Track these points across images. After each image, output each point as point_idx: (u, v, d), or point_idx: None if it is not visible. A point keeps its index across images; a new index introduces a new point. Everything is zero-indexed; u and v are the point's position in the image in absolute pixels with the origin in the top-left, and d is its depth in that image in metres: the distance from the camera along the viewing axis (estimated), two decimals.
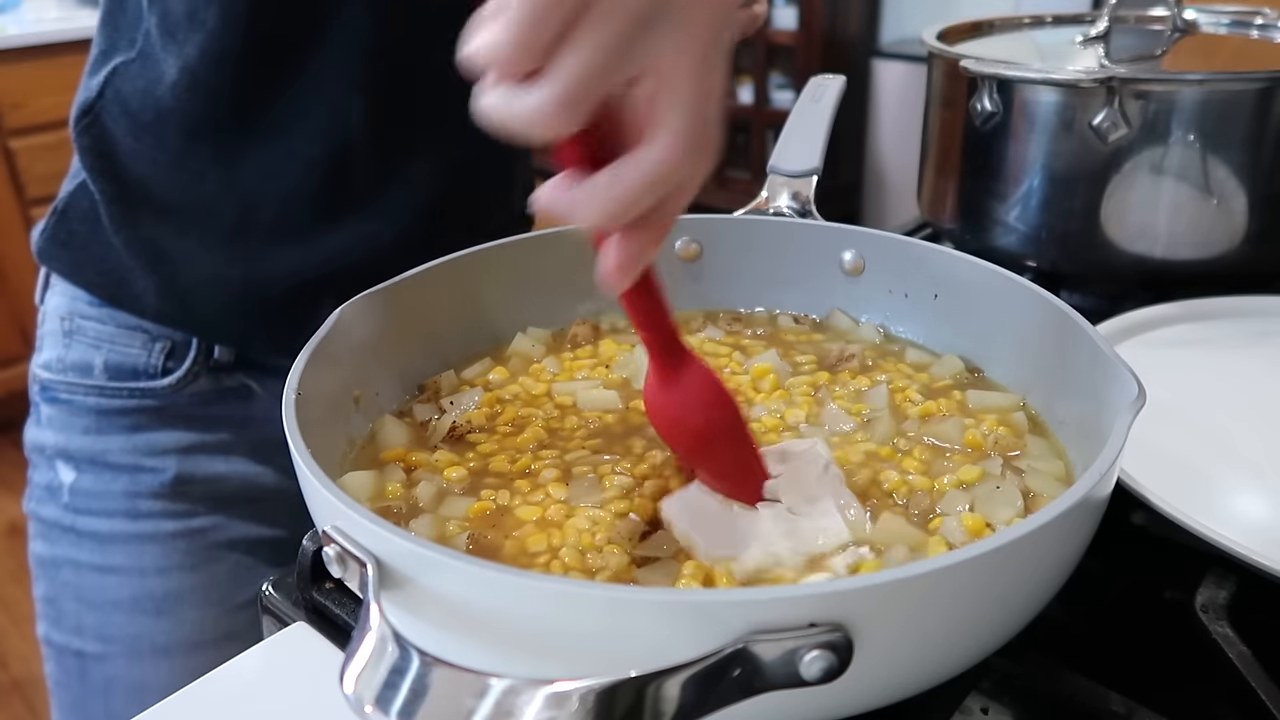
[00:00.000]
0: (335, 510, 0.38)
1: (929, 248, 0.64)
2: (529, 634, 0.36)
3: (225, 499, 0.71)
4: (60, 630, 0.72)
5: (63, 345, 0.70)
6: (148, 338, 0.69)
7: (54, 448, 0.71)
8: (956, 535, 0.46)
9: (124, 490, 0.69)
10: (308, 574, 0.54)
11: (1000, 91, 0.81)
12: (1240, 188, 0.77)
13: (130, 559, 0.69)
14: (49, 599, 0.72)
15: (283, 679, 0.51)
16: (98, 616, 0.70)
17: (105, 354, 0.69)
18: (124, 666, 0.70)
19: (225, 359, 0.70)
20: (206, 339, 0.70)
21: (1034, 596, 0.41)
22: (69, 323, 0.70)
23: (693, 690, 0.32)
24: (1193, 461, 0.59)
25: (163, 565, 0.69)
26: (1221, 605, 0.48)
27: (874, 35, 3.65)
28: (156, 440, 0.70)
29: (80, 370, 0.70)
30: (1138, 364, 0.47)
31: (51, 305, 0.72)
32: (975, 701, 0.45)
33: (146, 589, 0.69)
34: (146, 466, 0.69)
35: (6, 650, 1.91)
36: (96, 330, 0.69)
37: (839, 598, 0.33)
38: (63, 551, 0.71)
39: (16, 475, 0.80)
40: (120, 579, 0.69)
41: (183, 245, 0.67)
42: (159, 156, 0.65)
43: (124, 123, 0.66)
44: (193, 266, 0.67)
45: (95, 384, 0.69)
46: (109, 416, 0.70)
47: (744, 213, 0.70)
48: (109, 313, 0.69)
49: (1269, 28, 0.96)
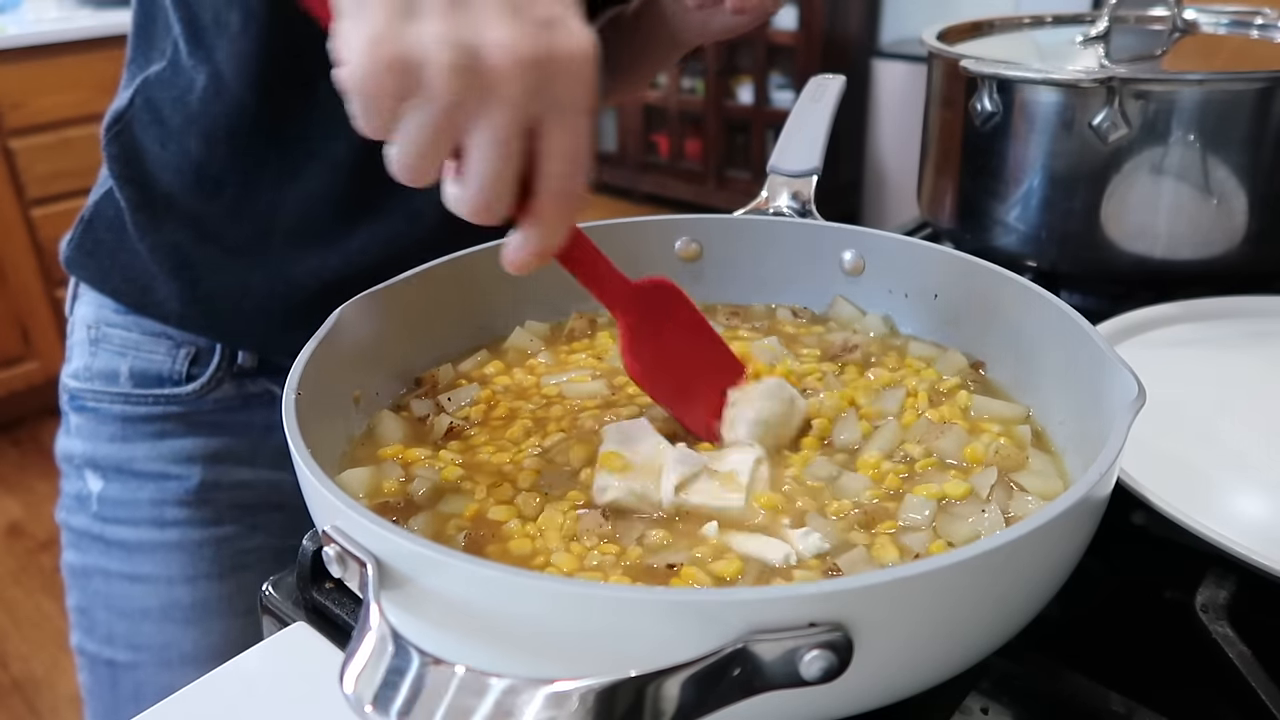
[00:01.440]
0: (335, 510, 0.38)
1: (929, 247, 0.64)
2: (529, 633, 0.36)
3: (250, 506, 0.72)
4: (93, 640, 0.72)
5: (89, 354, 0.71)
6: (172, 344, 0.70)
7: (82, 456, 0.71)
8: (910, 541, 0.46)
9: (150, 498, 0.70)
10: (308, 574, 0.54)
11: (1000, 91, 0.81)
12: (1240, 188, 0.77)
13: (158, 568, 0.70)
14: (81, 609, 0.73)
15: (283, 679, 0.51)
16: (128, 625, 0.71)
17: (130, 361, 0.70)
18: (154, 675, 0.71)
19: (248, 364, 0.71)
20: (229, 344, 0.70)
21: (1034, 596, 0.41)
22: (95, 331, 0.71)
23: (692, 690, 0.32)
24: (1193, 462, 0.59)
25: (190, 574, 0.70)
26: (1221, 605, 0.48)
27: (874, 35, 3.65)
28: (182, 447, 0.70)
29: (106, 378, 0.70)
30: (1138, 364, 0.47)
31: (79, 315, 0.73)
32: (975, 701, 0.45)
33: (174, 598, 0.70)
34: (172, 474, 0.70)
35: (6, 650, 1.91)
36: (122, 337, 0.70)
37: (839, 598, 0.33)
38: (93, 561, 0.71)
39: (16, 475, 0.81)
40: (149, 588, 0.70)
41: (205, 251, 0.68)
42: (184, 164, 0.66)
43: (153, 131, 0.67)
44: (215, 272, 0.68)
45: (121, 391, 0.70)
46: (134, 424, 0.70)
47: (744, 212, 0.70)
48: (134, 320, 0.70)
49: (1269, 28, 0.96)
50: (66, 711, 1.79)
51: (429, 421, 0.57)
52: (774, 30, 3.68)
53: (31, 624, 1.96)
